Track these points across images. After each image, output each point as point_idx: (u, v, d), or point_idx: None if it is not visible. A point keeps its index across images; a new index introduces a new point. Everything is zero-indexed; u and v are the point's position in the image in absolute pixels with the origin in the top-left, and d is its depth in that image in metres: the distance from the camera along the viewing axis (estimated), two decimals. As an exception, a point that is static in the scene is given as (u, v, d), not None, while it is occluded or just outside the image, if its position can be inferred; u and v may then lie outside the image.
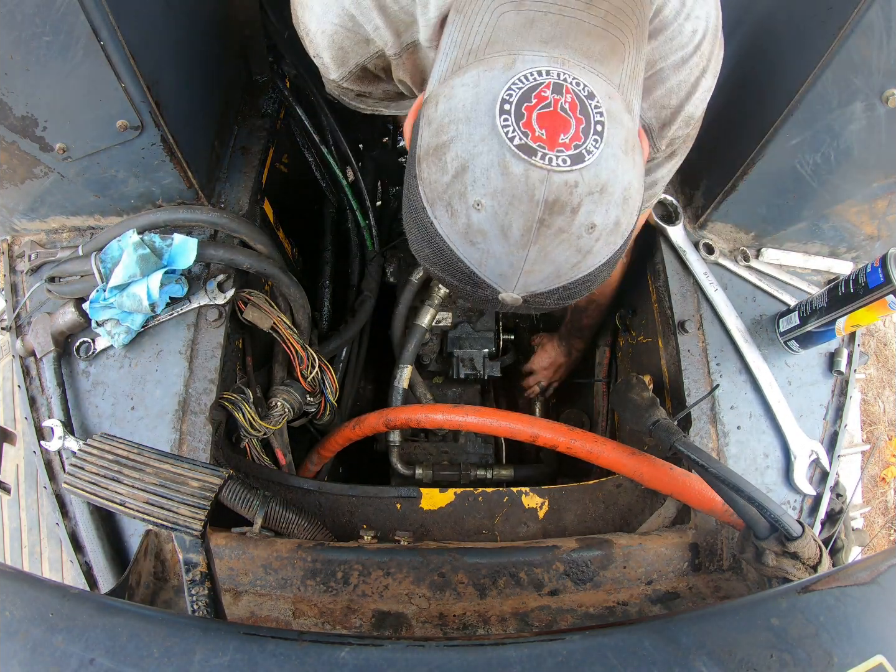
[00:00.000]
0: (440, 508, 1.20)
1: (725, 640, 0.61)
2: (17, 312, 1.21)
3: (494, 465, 1.67)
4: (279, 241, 1.63)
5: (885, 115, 1.05)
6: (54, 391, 1.11)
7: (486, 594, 0.99)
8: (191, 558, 0.74)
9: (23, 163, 1.09)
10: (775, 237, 1.33)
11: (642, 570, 1.04)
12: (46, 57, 0.92)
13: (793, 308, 1.26)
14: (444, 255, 0.67)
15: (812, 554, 0.88)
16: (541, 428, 1.15)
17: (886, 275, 1.04)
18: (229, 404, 1.16)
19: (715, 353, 1.23)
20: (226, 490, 1.04)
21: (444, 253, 0.67)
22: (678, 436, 0.98)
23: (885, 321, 3.14)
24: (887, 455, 3.02)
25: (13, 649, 0.58)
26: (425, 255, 0.71)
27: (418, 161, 0.66)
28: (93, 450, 0.77)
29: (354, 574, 0.98)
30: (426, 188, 0.65)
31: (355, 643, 0.60)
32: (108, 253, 1.10)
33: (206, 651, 0.58)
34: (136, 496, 0.73)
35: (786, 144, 1.13)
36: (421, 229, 0.68)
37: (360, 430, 1.38)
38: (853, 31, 0.96)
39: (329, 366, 1.40)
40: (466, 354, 1.76)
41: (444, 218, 0.65)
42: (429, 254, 0.70)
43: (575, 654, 0.59)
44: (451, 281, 0.71)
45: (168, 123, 1.07)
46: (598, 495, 1.24)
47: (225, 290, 1.17)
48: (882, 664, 0.60)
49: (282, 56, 1.63)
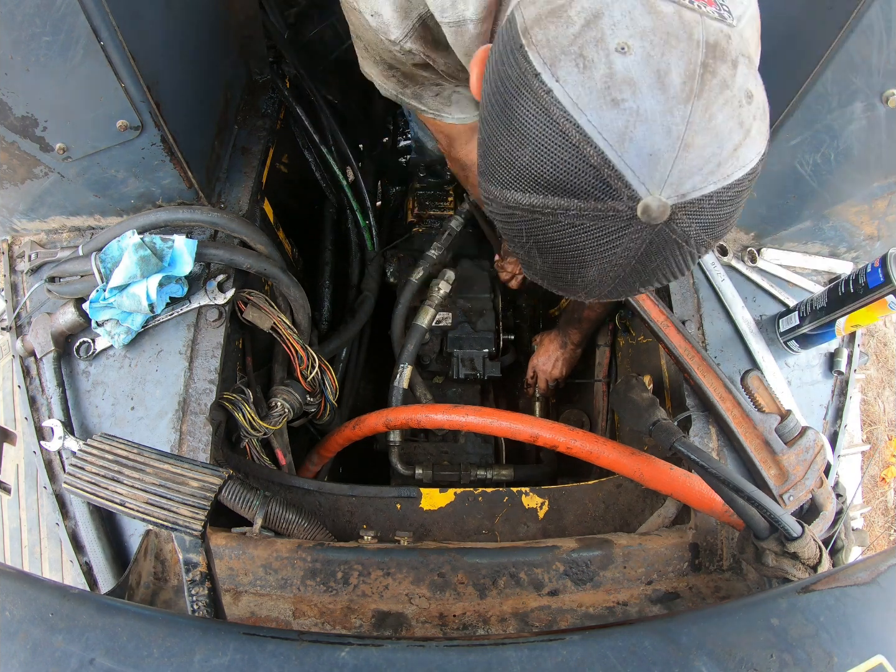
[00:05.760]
0: (440, 508, 1.20)
1: (725, 640, 0.61)
2: (17, 312, 1.21)
3: (494, 465, 1.66)
4: (279, 241, 1.64)
5: (885, 115, 1.05)
6: (54, 391, 1.11)
7: (486, 594, 0.99)
8: (191, 558, 0.74)
9: (23, 163, 1.09)
10: (775, 237, 1.33)
11: (642, 570, 1.04)
12: (46, 57, 0.92)
13: (793, 308, 1.26)
14: (561, 143, 0.49)
15: (812, 554, 0.88)
16: (541, 428, 1.15)
17: (886, 275, 1.04)
18: (229, 404, 1.16)
19: (715, 354, 1.22)
20: (226, 490, 1.04)
21: (565, 138, 0.49)
22: (678, 436, 0.98)
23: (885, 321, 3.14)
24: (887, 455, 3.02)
25: (13, 649, 0.58)
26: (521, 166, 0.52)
27: (523, 34, 0.53)
28: (93, 450, 0.77)
29: (354, 574, 0.98)
30: (542, 49, 0.51)
31: (355, 643, 0.60)
32: (108, 253, 1.10)
33: (206, 651, 0.58)
34: (136, 496, 0.73)
35: (786, 144, 1.13)
36: (523, 120, 0.51)
37: (360, 430, 1.38)
38: (853, 31, 0.96)
39: (329, 366, 1.40)
40: (466, 354, 1.76)
41: (571, 76, 0.49)
42: (529, 160, 0.51)
43: (575, 654, 0.59)
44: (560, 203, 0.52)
45: (168, 123, 1.07)
46: (598, 495, 1.24)
47: (225, 290, 1.17)
48: (882, 664, 0.61)
49: (282, 56, 1.64)
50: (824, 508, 1.04)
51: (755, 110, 0.53)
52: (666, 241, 0.52)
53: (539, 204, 0.53)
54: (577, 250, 0.54)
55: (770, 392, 1.12)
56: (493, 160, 0.56)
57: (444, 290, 1.68)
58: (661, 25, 0.49)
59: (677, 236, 0.52)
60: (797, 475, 1.04)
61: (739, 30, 0.54)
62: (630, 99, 0.48)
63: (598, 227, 0.52)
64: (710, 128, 0.50)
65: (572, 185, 0.51)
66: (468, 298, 1.82)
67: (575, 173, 0.50)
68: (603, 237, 0.52)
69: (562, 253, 0.55)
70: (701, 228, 0.52)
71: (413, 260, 1.84)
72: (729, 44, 0.52)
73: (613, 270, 0.56)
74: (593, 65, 0.49)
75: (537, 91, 0.50)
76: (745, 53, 0.53)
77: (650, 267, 0.56)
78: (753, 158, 0.54)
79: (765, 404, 1.11)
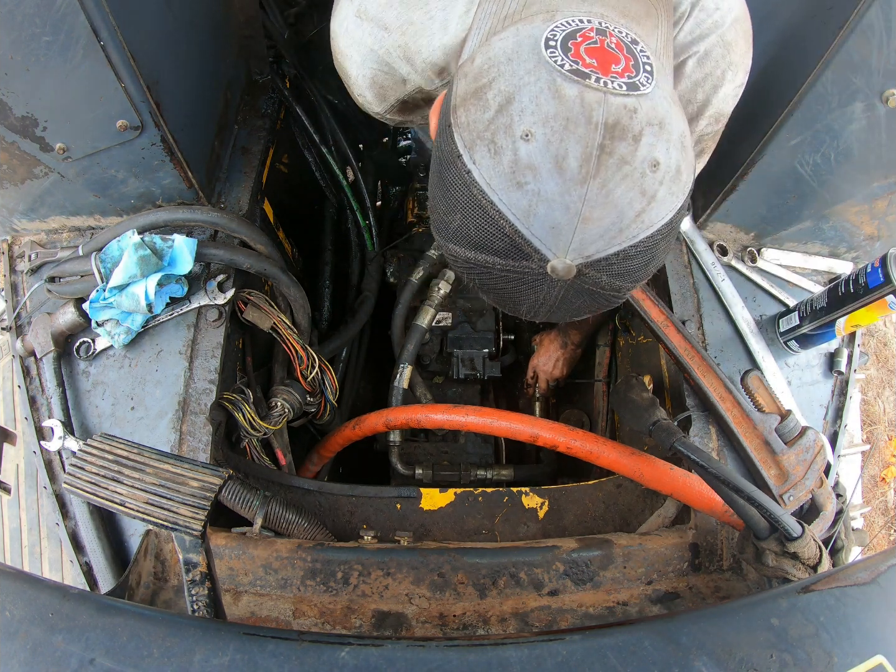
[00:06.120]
0: (440, 508, 1.20)
1: (725, 640, 0.61)
2: (17, 312, 1.21)
3: (494, 465, 1.66)
4: (279, 241, 1.64)
5: (885, 115, 1.05)
6: (54, 391, 1.11)
7: (486, 594, 0.99)
8: (191, 558, 0.74)
9: (23, 163, 1.09)
10: (775, 237, 1.33)
11: (642, 570, 1.04)
12: (46, 57, 0.92)
13: (793, 308, 1.26)
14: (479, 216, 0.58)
15: (812, 554, 0.88)
16: (541, 428, 1.15)
17: (886, 275, 1.04)
18: (229, 404, 1.16)
19: (715, 353, 1.22)
20: (226, 490, 1.04)
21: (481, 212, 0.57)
22: (678, 436, 0.98)
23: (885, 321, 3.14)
24: (887, 455, 3.02)
25: (13, 649, 0.58)
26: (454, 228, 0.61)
27: (452, 111, 0.60)
28: (93, 450, 0.77)
29: (354, 574, 0.98)
30: (464, 131, 0.58)
31: (355, 643, 0.60)
32: (108, 253, 1.10)
33: (206, 651, 0.58)
34: (136, 496, 0.73)
35: (786, 144, 1.13)
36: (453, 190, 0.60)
37: (360, 430, 1.38)
38: (853, 31, 0.96)
39: (329, 366, 1.40)
40: (466, 354, 1.76)
41: (484, 161, 0.56)
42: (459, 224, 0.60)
43: (575, 654, 0.59)
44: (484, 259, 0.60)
45: (168, 123, 1.07)
46: (598, 495, 1.24)
47: (225, 290, 1.17)
48: (882, 664, 0.61)
49: (282, 56, 1.64)
50: (824, 508, 1.04)
51: (662, 176, 0.57)
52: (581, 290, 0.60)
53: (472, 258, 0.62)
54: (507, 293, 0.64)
55: (770, 392, 1.12)
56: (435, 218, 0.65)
57: (444, 290, 1.68)
58: (563, 111, 0.54)
59: (590, 286, 0.59)
60: (797, 475, 1.04)
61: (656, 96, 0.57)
62: (532, 182, 0.55)
63: (520, 280, 0.60)
64: (608, 202, 0.55)
65: (494, 248, 0.59)
66: (468, 298, 1.82)
67: (494, 239, 0.58)
68: (525, 287, 0.61)
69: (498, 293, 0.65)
70: (613, 278, 0.59)
71: (413, 260, 1.84)
72: (633, 119, 0.55)
73: (543, 307, 0.64)
74: (502, 151, 0.55)
75: (461, 169, 0.58)
76: (656, 121, 0.56)
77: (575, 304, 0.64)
78: (663, 217, 0.58)
79: (765, 404, 1.11)
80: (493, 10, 0.69)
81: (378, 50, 0.84)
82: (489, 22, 0.69)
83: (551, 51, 0.56)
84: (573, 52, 0.56)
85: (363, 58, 0.87)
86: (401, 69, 0.86)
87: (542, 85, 0.55)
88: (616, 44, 0.58)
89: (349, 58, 0.89)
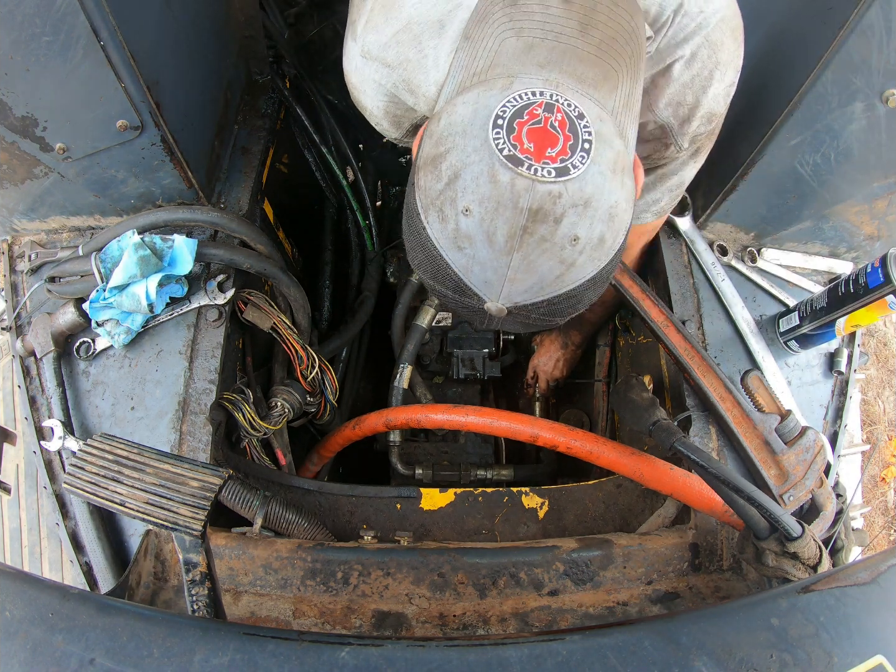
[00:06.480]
0: (440, 508, 1.20)
1: (725, 640, 0.61)
2: (17, 312, 1.21)
3: (494, 465, 1.66)
4: (279, 241, 1.64)
5: (885, 115, 1.05)
6: (54, 391, 1.11)
7: (486, 594, 0.99)
8: (191, 558, 0.74)
9: (23, 163, 1.09)
10: (775, 237, 1.33)
11: (642, 570, 1.04)
12: (46, 57, 0.92)
13: (793, 308, 1.26)
14: (434, 261, 0.70)
15: (812, 554, 0.88)
16: (541, 428, 1.15)
17: (886, 275, 1.04)
18: (229, 404, 1.16)
19: (715, 354, 1.22)
20: (226, 490, 1.04)
21: (435, 259, 0.70)
22: (678, 436, 0.98)
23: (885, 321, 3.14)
24: (887, 455, 3.02)
25: (13, 649, 0.58)
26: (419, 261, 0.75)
27: (417, 170, 0.71)
28: (93, 450, 0.77)
29: (354, 574, 0.99)
30: (422, 195, 0.70)
31: (355, 643, 0.60)
32: (108, 253, 1.10)
33: (206, 651, 0.58)
34: (136, 496, 0.73)
35: (786, 144, 1.13)
36: (415, 235, 0.72)
37: (360, 430, 1.38)
38: (853, 31, 0.96)
39: (329, 366, 1.40)
40: (466, 354, 1.76)
41: (435, 223, 0.69)
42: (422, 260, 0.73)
43: (575, 654, 0.59)
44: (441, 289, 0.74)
45: (168, 123, 1.07)
46: (598, 495, 1.24)
47: (225, 290, 1.17)
48: (882, 664, 0.61)
49: (282, 56, 1.64)
50: (824, 508, 1.04)
51: (582, 247, 0.67)
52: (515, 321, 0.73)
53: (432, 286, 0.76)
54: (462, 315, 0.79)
55: (770, 392, 1.12)
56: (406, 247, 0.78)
57: (444, 290, 1.68)
58: (496, 194, 0.64)
59: (522, 319, 0.73)
60: (797, 475, 1.04)
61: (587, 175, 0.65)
62: (468, 248, 0.67)
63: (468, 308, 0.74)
64: (530, 269, 0.66)
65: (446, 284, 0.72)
66: (468, 298, 1.82)
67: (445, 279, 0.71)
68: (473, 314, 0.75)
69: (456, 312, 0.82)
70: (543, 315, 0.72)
71: (413, 260, 1.84)
72: (556, 204, 0.64)
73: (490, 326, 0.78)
74: (448, 219, 0.67)
75: (419, 224, 0.70)
76: (581, 202, 0.65)
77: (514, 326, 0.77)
78: (585, 276, 0.69)
79: (765, 404, 1.11)
80: (465, 62, 0.76)
81: (385, 84, 0.93)
82: (461, 74, 0.76)
83: (497, 131, 0.65)
84: (516, 133, 0.65)
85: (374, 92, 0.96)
86: (407, 100, 0.95)
87: (483, 167, 0.65)
88: (560, 122, 0.65)
89: (363, 92, 0.98)
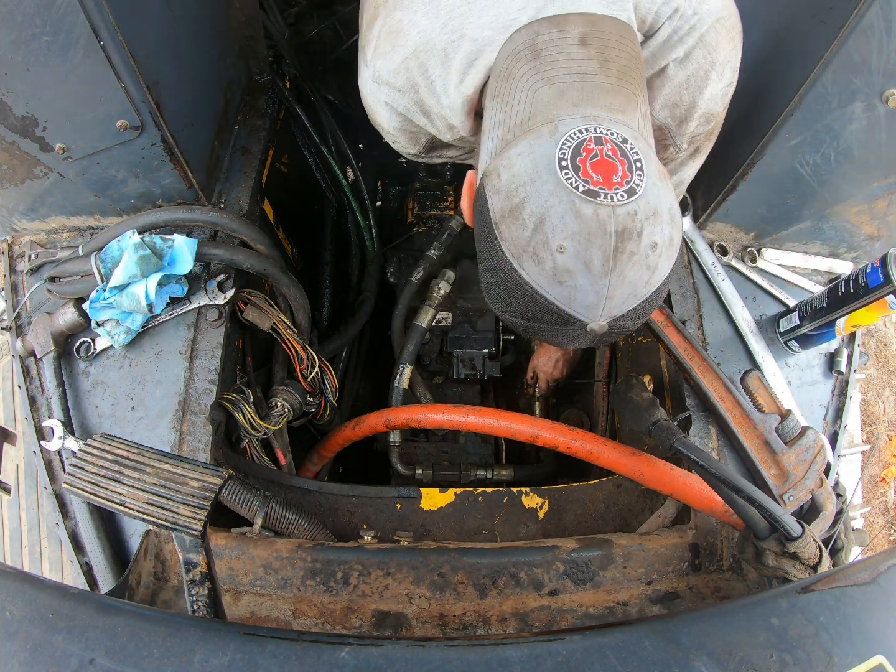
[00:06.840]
0: (440, 508, 1.20)
1: (725, 640, 0.61)
2: (17, 312, 1.21)
3: (494, 465, 1.66)
4: (279, 241, 1.64)
5: (885, 115, 1.05)
6: (54, 391, 1.11)
7: (486, 594, 0.99)
8: (191, 558, 0.74)
9: (23, 163, 1.09)
10: (775, 237, 1.33)
11: (642, 570, 1.04)
12: (46, 57, 0.92)
13: (793, 308, 1.26)
14: (534, 302, 0.75)
15: (812, 554, 0.88)
16: (541, 428, 1.15)
17: (886, 275, 1.04)
18: (229, 404, 1.16)
19: (715, 354, 1.22)
20: (226, 490, 1.04)
21: (535, 300, 0.75)
22: (678, 436, 0.98)
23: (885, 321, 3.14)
24: (887, 455, 3.02)
25: (13, 649, 0.58)
26: (512, 308, 0.79)
27: (495, 226, 0.76)
28: (93, 450, 0.77)
29: (354, 574, 0.99)
30: (510, 245, 0.74)
31: (355, 643, 0.60)
32: (108, 253, 1.10)
33: (206, 651, 0.58)
34: (136, 496, 0.73)
35: (786, 144, 1.13)
36: (507, 285, 0.77)
37: (360, 430, 1.38)
38: (853, 31, 0.96)
39: (329, 366, 1.40)
40: (466, 354, 1.76)
41: (531, 267, 0.73)
42: (516, 306, 0.78)
43: (575, 654, 0.59)
44: (539, 326, 0.79)
45: (168, 123, 1.07)
46: (598, 495, 1.24)
47: (225, 290, 1.17)
48: (882, 664, 0.61)
49: (282, 56, 1.64)
50: (824, 508, 1.04)
51: (661, 250, 0.73)
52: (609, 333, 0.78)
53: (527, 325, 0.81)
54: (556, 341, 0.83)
55: (770, 392, 1.12)
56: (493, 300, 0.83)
57: (444, 290, 1.68)
58: (584, 227, 0.70)
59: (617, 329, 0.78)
60: (797, 475, 1.04)
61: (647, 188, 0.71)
62: (569, 280, 0.72)
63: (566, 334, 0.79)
64: (625, 283, 0.72)
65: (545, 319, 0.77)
66: (468, 298, 1.82)
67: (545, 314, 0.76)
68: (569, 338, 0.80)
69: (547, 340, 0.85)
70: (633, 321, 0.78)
71: (413, 260, 1.84)
72: (635, 221, 0.70)
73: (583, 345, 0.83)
74: (544, 260, 0.72)
75: (511, 273, 0.75)
76: (651, 213, 0.71)
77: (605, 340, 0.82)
78: (664, 274, 0.75)
79: (765, 404, 1.11)
80: (500, 117, 0.81)
81: (398, 107, 0.96)
82: (500, 129, 0.81)
83: (565, 172, 0.71)
84: (582, 170, 0.71)
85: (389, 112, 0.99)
86: (419, 121, 0.99)
87: (565, 206, 0.70)
88: (612, 150, 0.72)
89: (378, 113, 1.01)
